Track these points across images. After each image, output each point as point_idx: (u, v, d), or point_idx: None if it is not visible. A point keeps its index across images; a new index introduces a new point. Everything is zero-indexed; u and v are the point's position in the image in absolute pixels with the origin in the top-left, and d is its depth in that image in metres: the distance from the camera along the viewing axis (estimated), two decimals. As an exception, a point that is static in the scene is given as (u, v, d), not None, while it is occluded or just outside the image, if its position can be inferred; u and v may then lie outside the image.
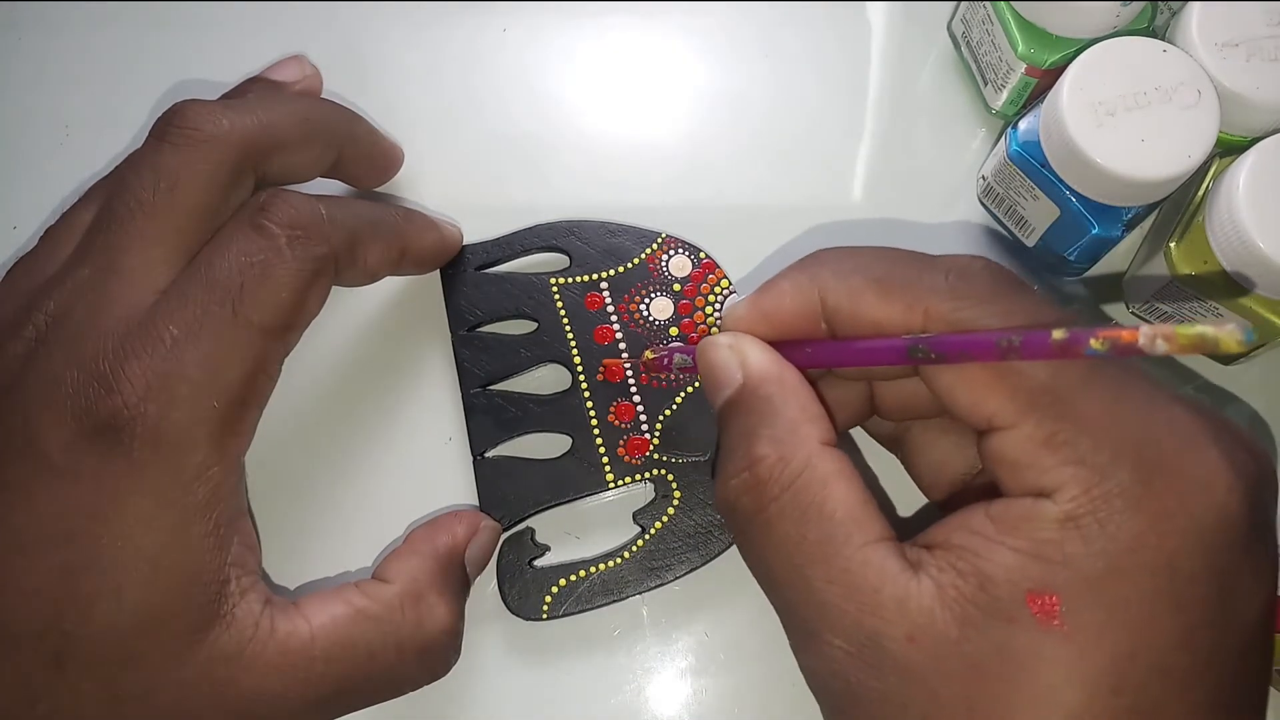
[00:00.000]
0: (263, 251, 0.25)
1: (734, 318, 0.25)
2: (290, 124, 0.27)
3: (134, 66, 0.37)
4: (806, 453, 0.22)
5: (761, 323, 0.24)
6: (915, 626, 0.19)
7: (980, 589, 0.19)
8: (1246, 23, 0.29)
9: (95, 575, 0.22)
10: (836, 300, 0.23)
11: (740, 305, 0.25)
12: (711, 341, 0.25)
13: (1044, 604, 0.19)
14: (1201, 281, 0.29)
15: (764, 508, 0.22)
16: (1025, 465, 0.20)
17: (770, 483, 0.22)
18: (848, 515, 0.21)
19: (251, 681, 0.23)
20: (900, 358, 0.21)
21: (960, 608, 0.19)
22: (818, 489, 0.21)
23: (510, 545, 0.30)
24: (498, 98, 0.37)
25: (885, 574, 0.20)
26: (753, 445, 0.22)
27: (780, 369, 0.23)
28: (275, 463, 0.31)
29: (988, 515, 0.20)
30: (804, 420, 0.22)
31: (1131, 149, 0.28)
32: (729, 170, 0.36)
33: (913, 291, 0.22)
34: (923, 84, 0.37)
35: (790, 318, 0.24)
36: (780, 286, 0.24)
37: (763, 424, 0.22)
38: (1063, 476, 0.19)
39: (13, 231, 0.35)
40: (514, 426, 0.31)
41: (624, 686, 0.30)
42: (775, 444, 0.22)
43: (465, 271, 0.33)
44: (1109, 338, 0.17)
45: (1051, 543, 0.19)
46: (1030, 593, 0.19)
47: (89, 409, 0.23)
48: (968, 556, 0.20)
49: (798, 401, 0.23)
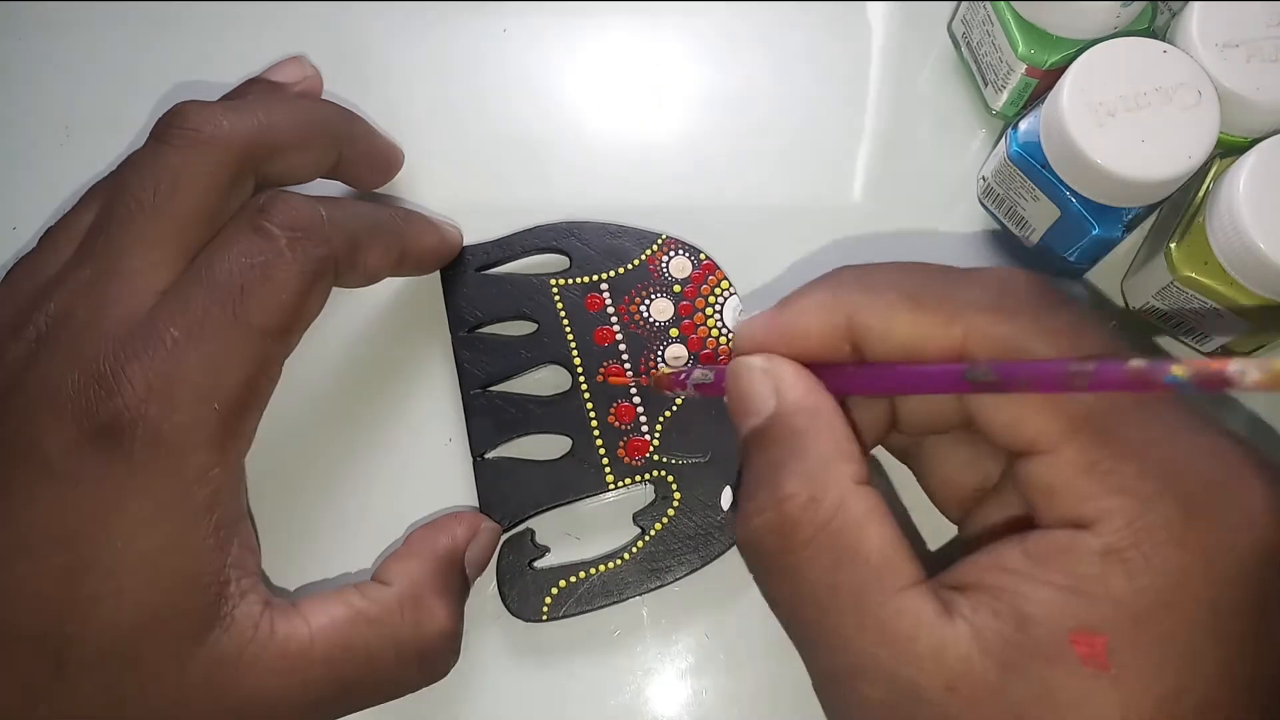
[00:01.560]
0: (263, 253, 0.25)
1: (749, 337, 0.23)
2: (290, 125, 0.27)
3: (134, 67, 0.37)
4: (840, 492, 0.20)
5: (780, 343, 0.23)
6: (954, 675, 0.19)
7: (1019, 630, 0.18)
8: (1246, 23, 0.29)
9: (96, 577, 0.22)
10: (866, 318, 0.22)
11: (756, 324, 0.23)
12: (745, 364, 0.23)
13: (1090, 644, 0.18)
14: (1201, 282, 0.29)
15: (793, 550, 0.20)
16: (1064, 493, 0.19)
17: (801, 524, 0.20)
18: (882, 560, 0.20)
19: (251, 683, 0.23)
20: (955, 384, 0.20)
21: (1000, 651, 0.18)
22: (852, 533, 0.20)
23: (510, 546, 0.30)
24: (498, 98, 0.37)
25: (920, 621, 0.19)
26: (781, 481, 0.21)
27: (816, 398, 0.22)
28: (275, 464, 0.31)
29: (1023, 551, 0.19)
30: (837, 456, 0.21)
31: (1132, 150, 0.28)
32: (729, 171, 0.36)
33: (950, 306, 0.21)
34: (923, 84, 0.37)
35: (813, 339, 0.22)
36: (801, 304, 0.23)
37: (793, 458, 0.21)
38: (1104, 506, 0.19)
39: (13, 232, 0.35)
40: (514, 428, 0.31)
41: (624, 688, 0.30)
42: (806, 481, 0.20)
43: (465, 272, 0.33)
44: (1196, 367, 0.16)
45: (1094, 578, 0.18)
46: (1074, 633, 0.18)
47: (90, 411, 0.23)
48: (1004, 596, 0.19)
49: (832, 435, 0.21)
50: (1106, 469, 0.19)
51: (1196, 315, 0.30)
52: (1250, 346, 0.31)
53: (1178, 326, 0.32)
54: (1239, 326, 0.30)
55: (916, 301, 0.21)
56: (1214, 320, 0.30)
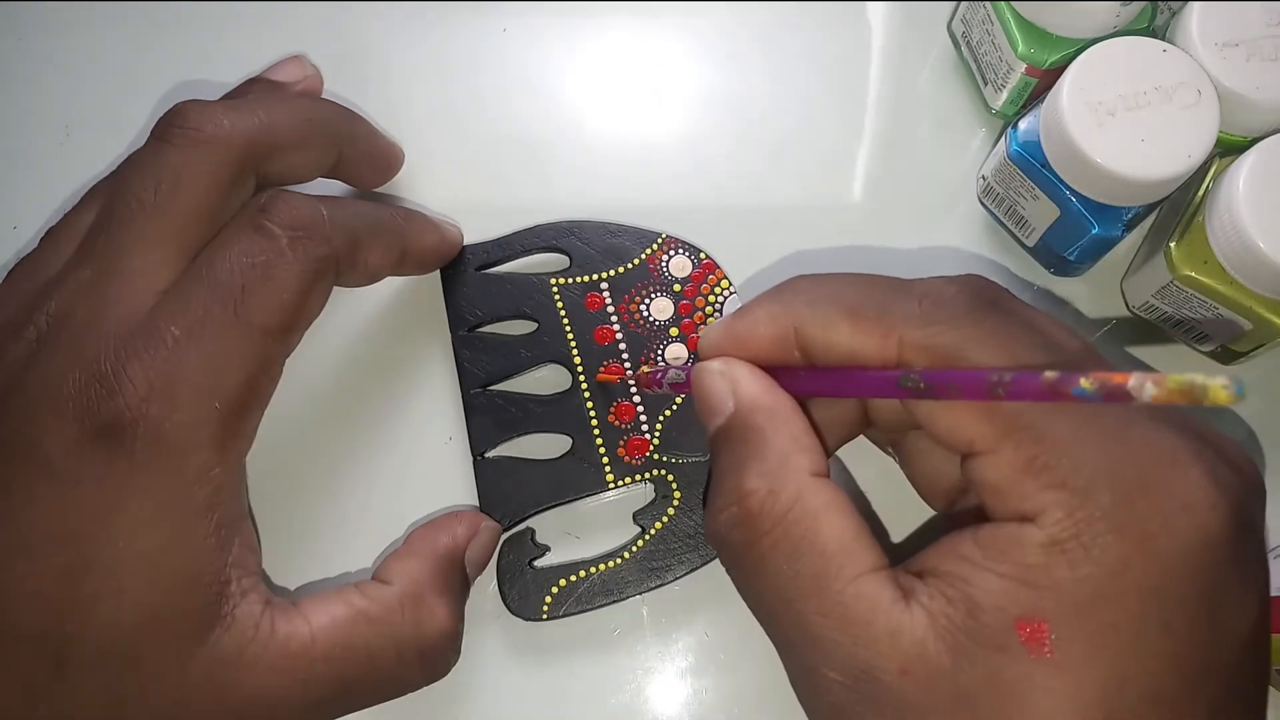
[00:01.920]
0: (264, 252, 0.25)
1: (709, 343, 0.25)
2: (291, 124, 0.27)
3: (135, 67, 0.37)
4: (797, 485, 0.21)
5: (735, 349, 0.24)
6: (908, 659, 0.19)
7: (969, 616, 0.19)
8: (1246, 23, 0.29)
9: (97, 577, 0.22)
10: (810, 330, 0.23)
11: (715, 331, 0.25)
12: (704, 367, 0.24)
13: (1033, 631, 0.18)
14: (1201, 281, 0.29)
15: (755, 542, 0.21)
16: (1006, 490, 0.20)
17: (761, 516, 0.21)
18: (840, 547, 0.21)
19: (252, 682, 0.23)
20: (890, 389, 0.21)
21: (951, 637, 0.19)
22: (809, 522, 0.21)
23: (510, 545, 0.30)
24: (498, 98, 0.37)
25: (878, 606, 0.20)
26: (743, 478, 0.22)
27: (772, 397, 0.23)
28: (276, 463, 0.31)
29: (975, 541, 0.20)
30: (795, 451, 0.22)
31: (1131, 149, 0.28)
32: (729, 170, 0.36)
33: (886, 320, 0.22)
34: (923, 84, 0.37)
35: (764, 345, 0.24)
36: (754, 314, 0.24)
37: (752, 455, 0.22)
38: (1045, 501, 0.19)
39: (13, 232, 0.35)
40: (514, 427, 0.31)
41: (624, 687, 0.30)
42: (765, 476, 0.22)
43: (466, 272, 0.33)
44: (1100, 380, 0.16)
45: (1037, 568, 0.19)
46: (1019, 620, 0.19)
47: (91, 410, 0.23)
48: (956, 583, 0.20)
49: (789, 431, 0.22)
50: (1043, 464, 0.19)
51: (1196, 315, 0.30)
52: (1250, 346, 0.31)
53: (1177, 326, 0.32)
54: (1239, 326, 0.30)
55: (855, 315, 0.22)
56: (1214, 320, 0.30)
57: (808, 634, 0.21)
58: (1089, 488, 0.19)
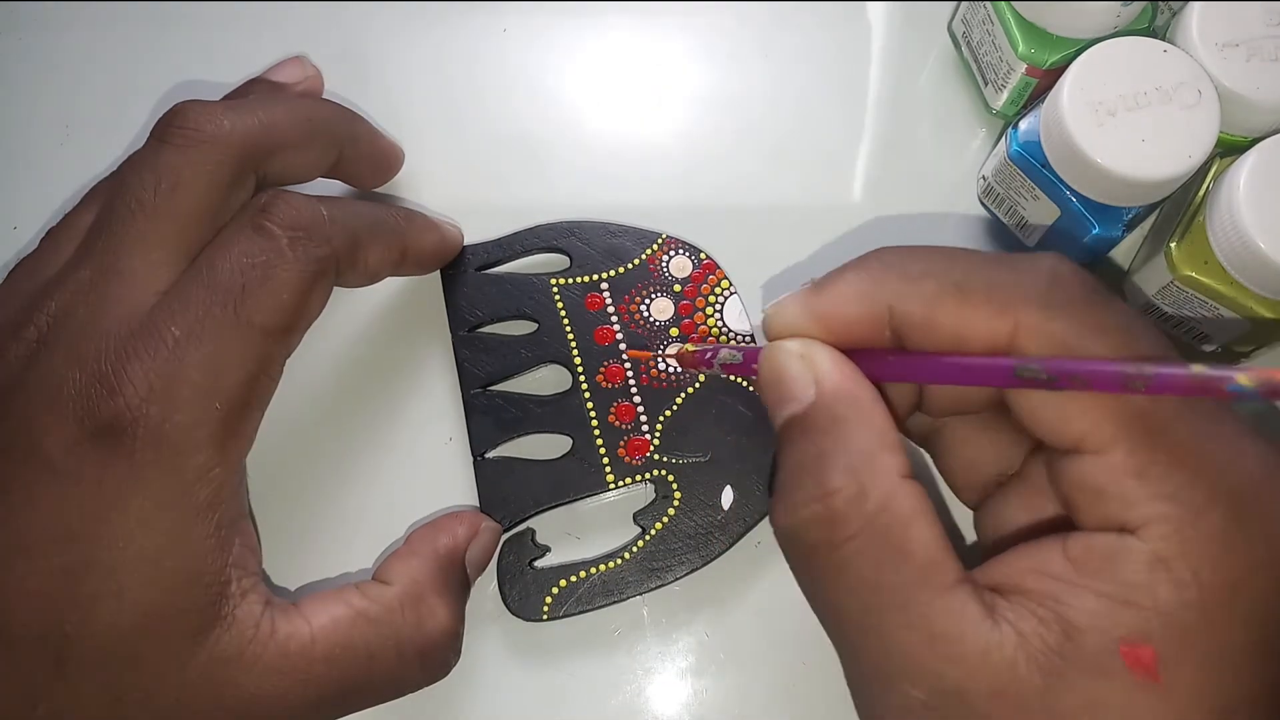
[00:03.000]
0: (264, 252, 0.25)
1: (783, 320, 0.22)
2: (291, 124, 0.27)
3: (135, 67, 0.37)
4: (887, 487, 0.20)
5: (816, 328, 0.22)
6: (1000, 680, 0.18)
7: (1066, 638, 0.18)
8: (1246, 23, 0.29)
9: (97, 577, 0.22)
10: (909, 307, 0.21)
11: (792, 307, 0.22)
12: (780, 347, 0.22)
13: (1139, 656, 0.18)
14: (1201, 282, 0.29)
15: (838, 545, 0.20)
16: (1111, 496, 0.19)
17: (847, 518, 0.20)
18: (929, 558, 0.19)
19: (252, 682, 0.23)
20: (1005, 379, 0.19)
21: (1045, 659, 0.18)
22: (899, 529, 0.19)
23: (511, 546, 0.30)
24: (498, 98, 0.37)
25: (966, 622, 0.19)
26: (827, 474, 0.20)
27: (857, 386, 0.21)
28: (276, 464, 0.31)
29: (1066, 556, 0.19)
30: (881, 448, 0.20)
31: (1132, 149, 0.28)
32: (729, 170, 0.36)
33: (1000, 298, 0.20)
34: (923, 84, 0.37)
35: (851, 325, 0.21)
36: (838, 289, 0.22)
37: (837, 449, 0.20)
38: (1152, 512, 0.18)
39: (13, 232, 0.35)
40: (514, 427, 0.31)
41: (624, 687, 0.30)
42: (852, 474, 0.20)
43: (466, 272, 0.33)
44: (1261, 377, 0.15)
45: (1141, 587, 0.18)
46: (1123, 643, 0.18)
47: (91, 410, 0.23)
48: (1048, 603, 0.18)
49: (875, 425, 0.21)
50: (1157, 474, 0.18)
51: (1197, 315, 0.30)
52: (1250, 346, 0.31)
53: (1178, 326, 0.32)
54: (1239, 326, 0.30)
55: (963, 291, 0.20)
56: (1214, 320, 0.30)
57: (889, 647, 0.19)
58: (1202, 504, 0.18)
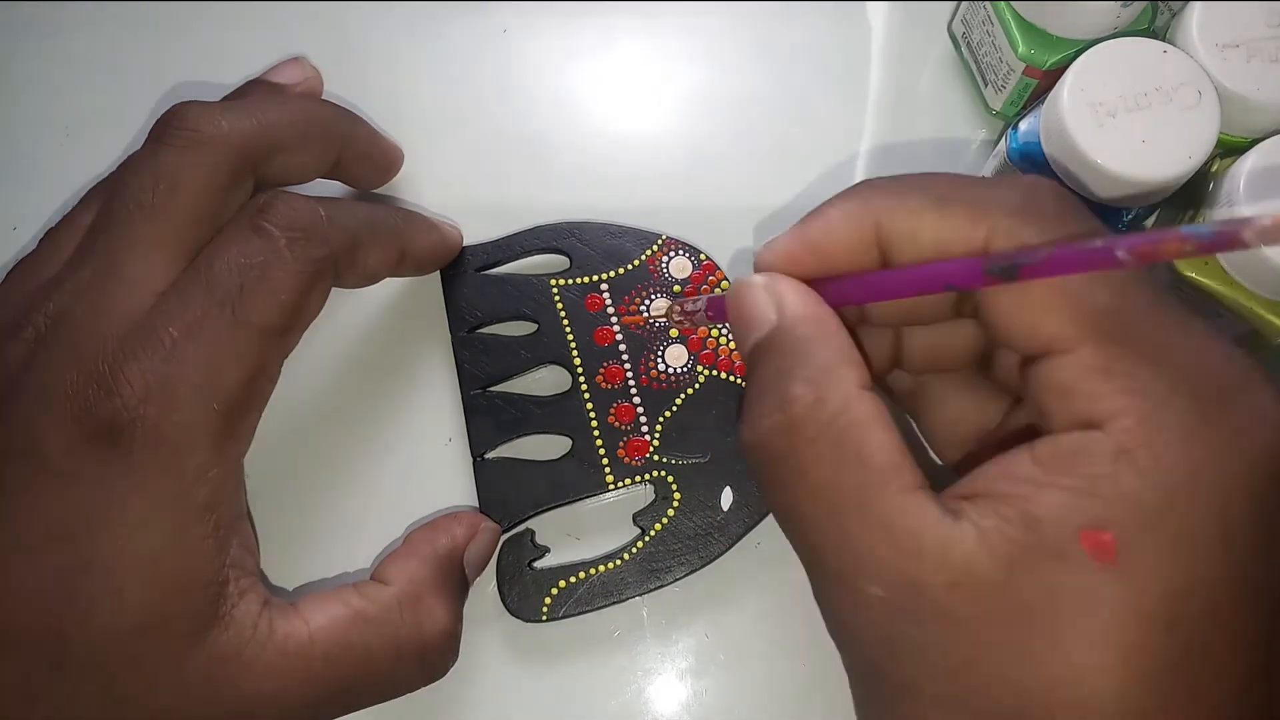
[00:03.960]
0: (262, 253, 0.25)
1: (776, 252, 0.23)
2: (289, 125, 0.27)
3: (134, 67, 0.37)
4: (845, 395, 0.20)
5: (808, 254, 0.23)
6: (957, 572, 0.19)
7: (1027, 530, 0.18)
8: (1247, 23, 0.29)
9: (95, 577, 0.22)
10: (894, 223, 0.22)
11: (782, 238, 0.23)
12: (745, 282, 0.23)
13: (1098, 541, 0.18)
14: (1202, 282, 0.29)
15: (798, 450, 0.20)
16: (1077, 393, 0.19)
17: (806, 423, 0.20)
18: (887, 460, 0.20)
19: (250, 682, 0.24)
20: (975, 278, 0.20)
21: (1005, 551, 0.18)
22: (856, 432, 0.20)
23: (510, 547, 0.30)
24: (498, 98, 0.37)
25: (925, 519, 0.19)
26: (788, 385, 0.21)
27: (818, 309, 0.22)
28: (274, 464, 0.31)
29: (1032, 458, 0.19)
30: (841, 362, 0.21)
31: (1132, 150, 0.28)
32: (729, 171, 0.36)
33: (976, 208, 0.21)
34: (923, 84, 0.37)
35: (841, 248, 0.22)
36: (828, 215, 0.23)
37: (798, 364, 0.21)
38: (1117, 405, 0.18)
39: (13, 233, 0.35)
40: (514, 428, 0.31)
41: (624, 688, 0.30)
42: (811, 385, 0.21)
43: (465, 273, 0.33)
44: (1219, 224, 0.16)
45: (1105, 477, 0.18)
46: (1083, 530, 0.18)
47: (89, 411, 0.23)
48: (1012, 501, 0.19)
49: (835, 343, 0.21)
50: (1121, 369, 0.19)
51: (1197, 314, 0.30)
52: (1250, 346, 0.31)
53: (1178, 327, 0.32)
54: (1239, 326, 0.30)
55: (942, 204, 0.21)
56: (1214, 320, 0.30)
57: (848, 546, 0.20)
58: (1166, 395, 0.18)
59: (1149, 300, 0.20)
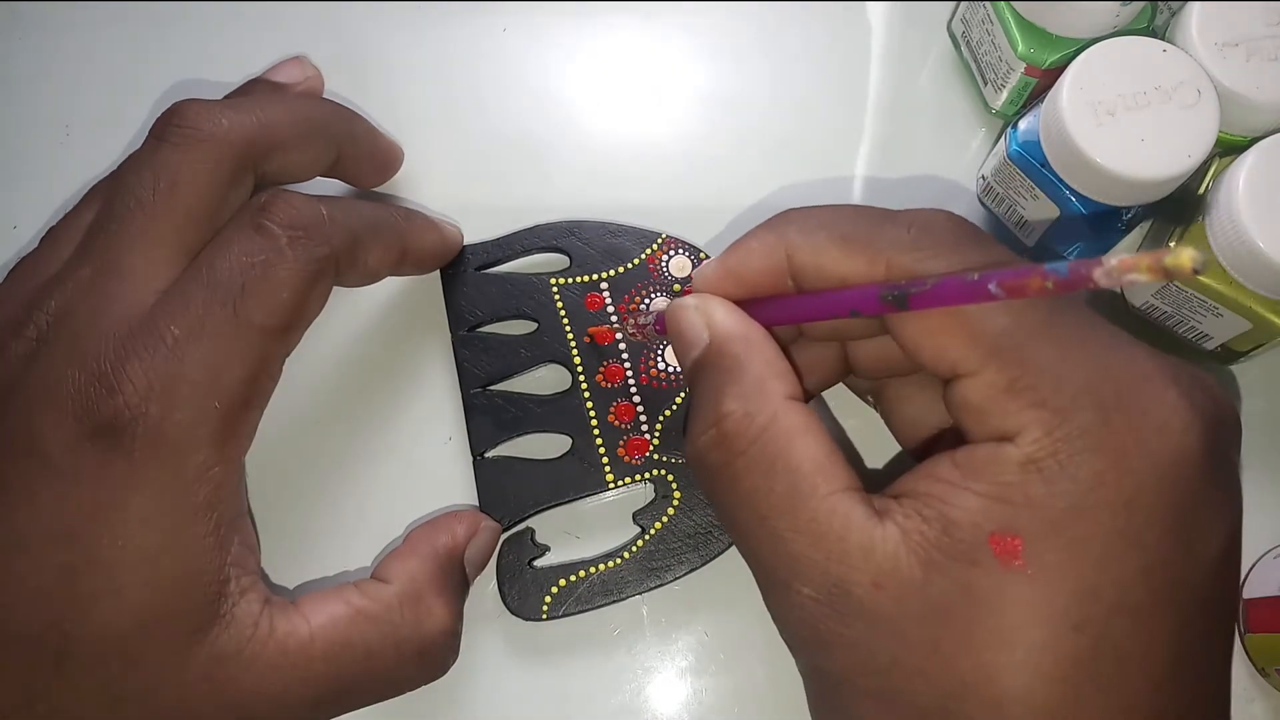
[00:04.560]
0: (264, 252, 0.25)
1: (703, 278, 0.25)
2: (289, 123, 0.27)
3: (134, 66, 0.37)
4: (772, 408, 0.22)
5: (729, 281, 0.24)
6: (881, 572, 0.20)
7: (944, 533, 0.20)
8: (1246, 23, 0.29)
9: (96, 575, 0.22)
10: (802, 257, 0.23)
11: (709, 265, 0.25)
12: (679, 303, 0.25)
13: (1006, 545, 0.19)
14: (1201, 282, 0.29)
15: (731, 461, 0.22)
16: (988, 411, 0.20)
17: (737, 437, 0.22)
18: (814, 466, 0.21)
19: (251, 681, 0.24)
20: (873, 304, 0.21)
21: (924, 552, 0.20)
22: (783, 442, 0.21)
23: (510, 545, 0.30)
24: (498, 97, 0.37)
25: (851, 522, 0.20)
26: (720, 401, 0.22)
27: (746, 327, 0.24)
28: (275, 463, 0.31)
29: (953, 462, 0.20)
30: (769, 376, 0.22)
31: (1131, 149, 0.28)
32: (729, 170, 0.36)
33: (875, 245, 0.22)
34: (923, 84, 0.37)
35: (758, 276, 0.24)
36: (748, 245, 0.24)
37: (729, 381, 0.23)
38: (1024, 420, 0.19)
39: (13, 231, 0.35)
40: (514, 427, 0.31)
41: (624, 686, 0.30)
42: (741, 399, 0.22)
43: (465, 272, 0.33)
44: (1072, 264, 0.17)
45: (1014, 485, 0.19)
46: (993, 535, 0.19)
47: (90, 409, 0.23)
48: (933, 503, 0.20)
49: (763, 358, 0.23)
50: (1025, 385, 0.20)
51: (1196, 314, 0.30)
52: (1250, 345, 0.31)
53: (1178, 326, 0.32)
54: (1239, 326, 0.30)
55: (845, 241, 0.23)
56: (1214, 320, 0.30)
57: (780, 550, 0.21)
58: (1069, 408, 0.19)
59: (1045, 318, 0.20)
